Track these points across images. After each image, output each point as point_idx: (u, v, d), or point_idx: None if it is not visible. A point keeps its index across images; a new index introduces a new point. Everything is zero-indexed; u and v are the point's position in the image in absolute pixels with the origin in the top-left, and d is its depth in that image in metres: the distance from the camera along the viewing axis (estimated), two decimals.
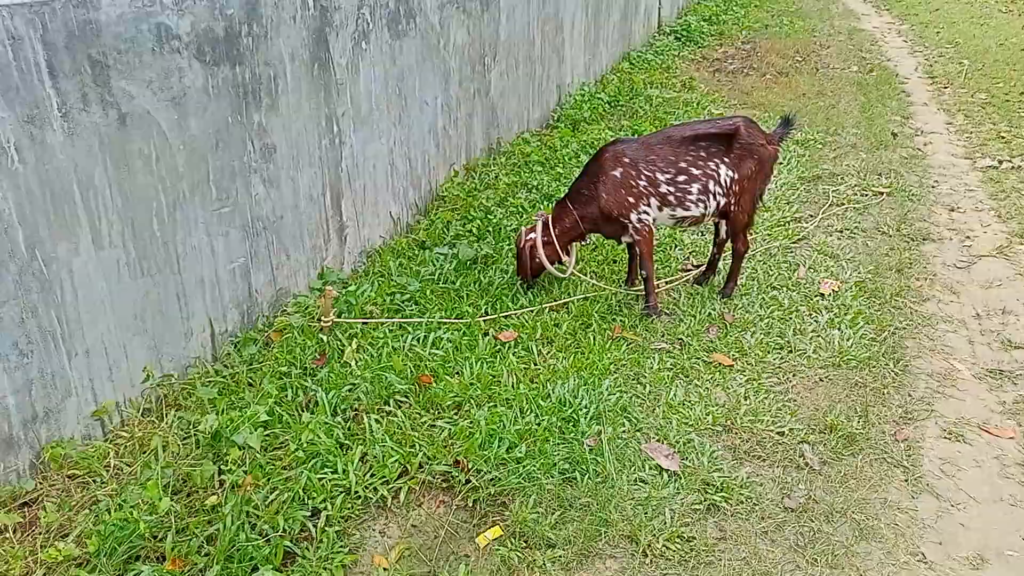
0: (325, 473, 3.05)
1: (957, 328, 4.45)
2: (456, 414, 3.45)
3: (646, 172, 4.27)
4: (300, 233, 4.34)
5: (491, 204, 5.58)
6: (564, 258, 4.55)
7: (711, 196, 4.30)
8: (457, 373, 3.76)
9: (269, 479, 3.00)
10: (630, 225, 4.32)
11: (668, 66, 10.31)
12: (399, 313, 4.31)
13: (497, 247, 5.00)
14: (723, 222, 4.51)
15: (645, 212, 4.30)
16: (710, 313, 4.44)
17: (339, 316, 4.19)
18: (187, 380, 3.60)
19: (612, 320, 4.35)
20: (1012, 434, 3.56)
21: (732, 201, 4.32)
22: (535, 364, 3.89)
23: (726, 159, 4.27)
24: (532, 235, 4.50)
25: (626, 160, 4.30)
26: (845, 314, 4.45)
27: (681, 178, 4.27)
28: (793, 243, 5.41)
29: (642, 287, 4.54)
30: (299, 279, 4.40)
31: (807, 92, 9.48)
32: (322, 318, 4.02)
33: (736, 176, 4.27)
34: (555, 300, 4.51)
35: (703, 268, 4.87)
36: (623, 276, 4.82)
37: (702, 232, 5.58)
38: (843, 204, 6.14)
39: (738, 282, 4.67)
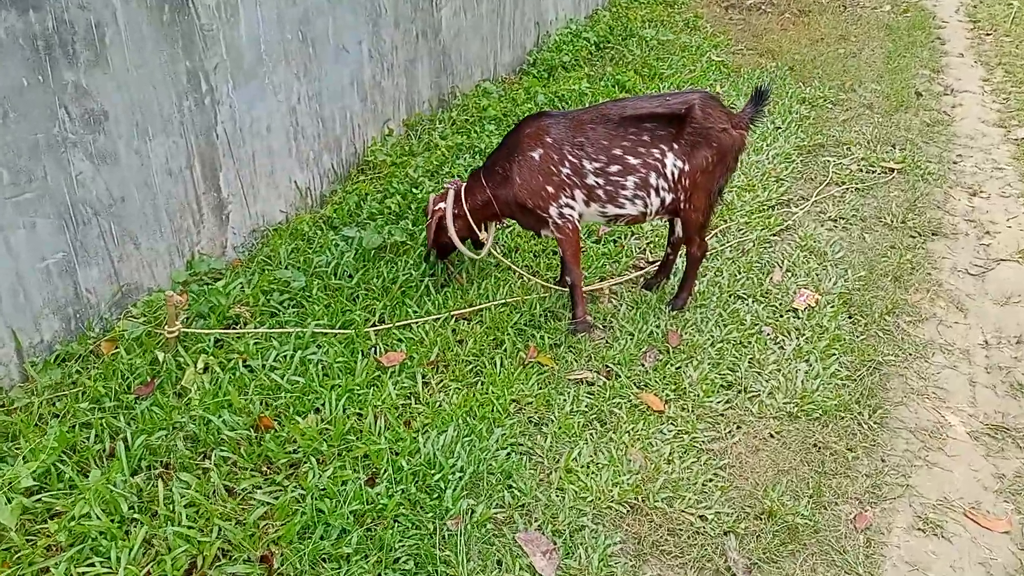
0: (93, 565, 2.35)
1: (958, 362, 3.62)
2: (289, 476, 2.72)
3: (571, 158, 3.41)
4: (155, 216, 3.56)
5: (420, 174, 4.73)
6: (480, 235, 3.74)
7: (652, 192, 3.44)
8: (316, 410, 3.02)
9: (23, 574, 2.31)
10: (549, 220, 3.50)
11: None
12: (274, 318, 3.55)
13: (413, 232, 4.18)
14: (677, 219, 3.66)
15: (568, 206, 3.46)
16: (652, 331, 3.63)
17: (190, 323, 3.44)
18: None
19: (531, 337, 3.56)
20: (1007, 526, 2.78)
21: (682, 198, 3.45)
22: (417, 400, 3.13)
23: (675, 146, 3.38)
24: (442, 204, 3.69)
25: (548, 140, 3.44)
26: (819, 339, 3.62)
27: (613, 168, 3.40)
28: (774, 235, 4.54)
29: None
30: (157, 271, 3.64)
31: (827, 36, 8.37)
32: (166, 328, 3.27)
33: (687, 168, 3.39)
34: (468, 305, 3.72)
35: (656, 268, 4.04)
36: (558, 270, 4.00)
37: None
38: (844, 183, 5.21)
39: (693, 291, 3.84)
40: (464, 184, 3.71)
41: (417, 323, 3.58)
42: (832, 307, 3.85)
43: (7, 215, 2.94)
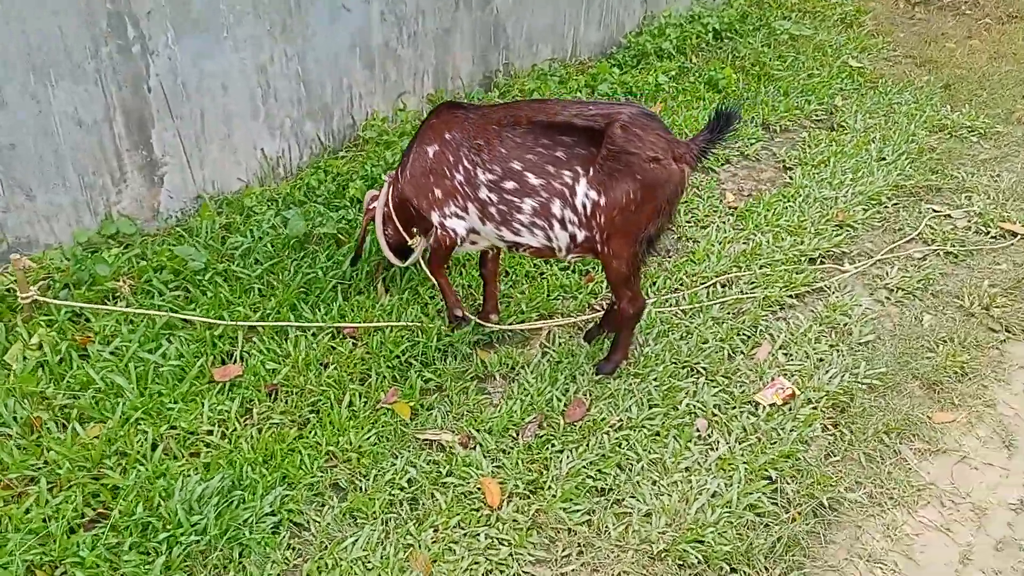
0: None
1: (959, 525, 2.62)
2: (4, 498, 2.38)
3: (466, 163, 2.76)
4: (58, 168, 3.33)
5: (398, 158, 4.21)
6: (410, 240, 3.20)
7: (556, 223, 2.72)
8: (107, 420, 2.66)
9: None
10: (434, 226, 2.90)
11: None
12: (150, 299, 3.23)
13: (353, 223, 3.70)
14: None
15: (455, 217, 2.83)
16: (554, 396, 2.93)
17: (58, 290, 3.19)
18: None
19: (405, 374, 3.00)
20: None
21: (598, 239, 2.71)
22: (223, 431, 2.69)
23: (590, 172, 2.63)
24: (374, 204, 3.20)
25: (447, 137, 2.81)
26: (762, 451, 2.76)
27: (509, 185, 2.71)
28: (793, 296, 3.60)
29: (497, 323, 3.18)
30: (58, 227, 3.43)
31: (1020, 52, 6.78)
32: (20, 293, 3.04)
33: (602, 202, 2.63)
34: (364, 321, 3.20)
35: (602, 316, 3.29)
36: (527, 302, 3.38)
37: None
38: (932, 241, 4.08)
39: (629, 355, 3.08)
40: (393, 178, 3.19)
41: (293, 328, 3.12)
42: (809, 408, 2.94)
43: None
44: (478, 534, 2.41)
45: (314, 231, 3.61)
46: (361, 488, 2.54)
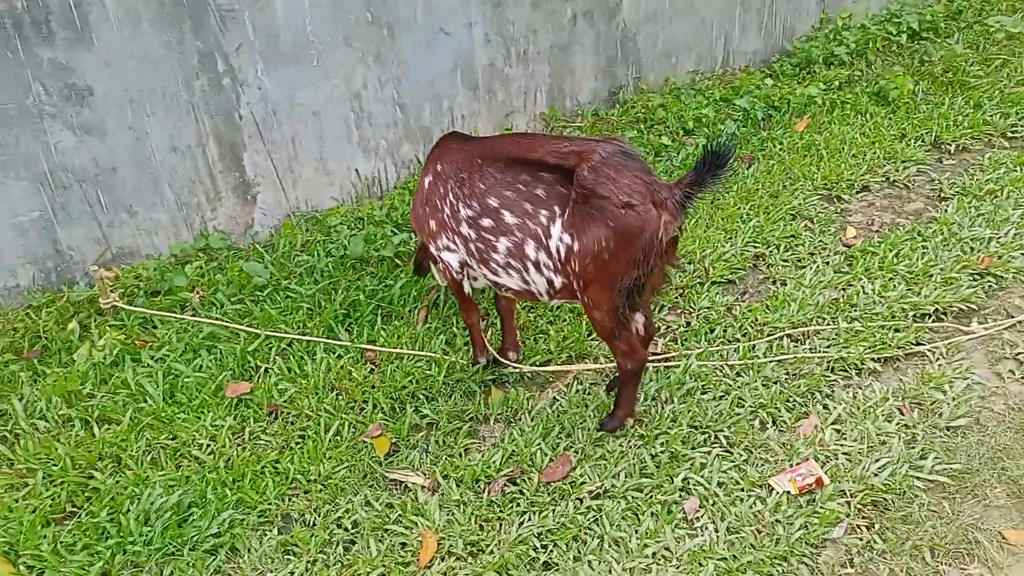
0: None
1: None
2: None
3: (451, 196, 2.64)
4: (156, 189, 3.73)
5: None
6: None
7: (531, 266, 2.50)
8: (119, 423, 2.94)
9: None
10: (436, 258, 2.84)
11: None
12: (213, 311, 3.51)
13: (405, 248, 3.74)
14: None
15: (448, 250, 2.72)
16: (542, 451, 2.73)
17: (139, 298, 3.58)
18: None
19: (402, 409, 2.96)
20: None
21: (575, 286, 2.46)
22: (209, 445, 2.84)
23: (565, 214, 2.39)
24: None
25: (438, 169, 2.72)
26: (753, 548, 2.33)
27: (486, 222, 2.55)
28: (878, 359, 3.01)
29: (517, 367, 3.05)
30: (158, 239, 3.84)
31: None
32: (100, 299, 3.47)
33: (575, 248, 2.38)
34: (386, 344, 3.22)
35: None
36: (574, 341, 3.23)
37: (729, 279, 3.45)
38: None
39: (635, 412, 2.77)
40: None
41: (321, 350, 3.21)
42: (835, 503, 2.44)
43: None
44: None
45: (372, 253, 3.68)
46: (308, 522, 2.55)
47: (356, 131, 4.16)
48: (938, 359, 3.00)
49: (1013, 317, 3.18)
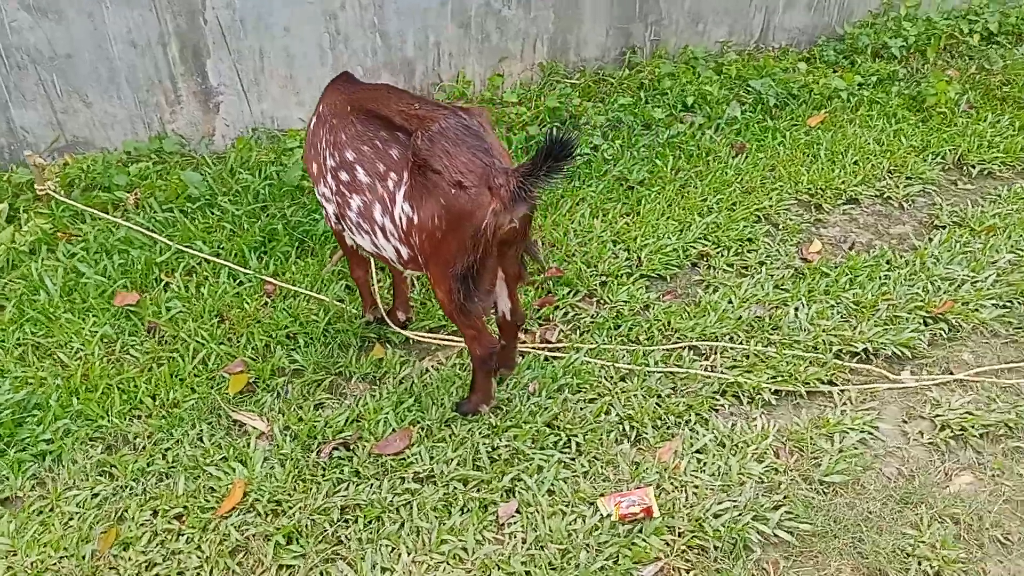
0: None
1: None
2: None
3: (324, 142, 2.50)
4: (112, 81, 3.70)
5: None
6: None
7: (379, 231, 2.36)
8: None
9: None
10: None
11: None
12: (144, 216, 3.51)
13: None
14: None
15: (325, 198, 2.58)
16: (387, 419, 2.64)
17: (78, 190, 3.60)
18: None
19: (282, 345, 2.90)
20: None
21: (420, 260, 2.31)
22: (54, 360, 2.86)
23: (407, 181, 2.23)
24: None
25: (322, 109, 2.57)
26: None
27: (344, 176, 2.40)
28: (779, 392, 2.77)
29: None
30: (114, 134, 3.84)
31: None
32: (37, 185, 3.50)
33: (415, 220, 2.22)
34: (307, 285, 3.16)
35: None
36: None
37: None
38: None
39: (491, 394, 2.65)
40: None
41: (226, 273, 3.18)
42: (658, 539, 2.28)
43: None
44: (182, 534, 2.29)
45: (309, 183, 3.59)
46: (136, 447, 2.55)
47: (330, 53, 4.02)
48: (844, 404, 2.74)
49: (952, 374, 2.87)
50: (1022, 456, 2.57)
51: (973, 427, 2.63)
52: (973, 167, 4.00)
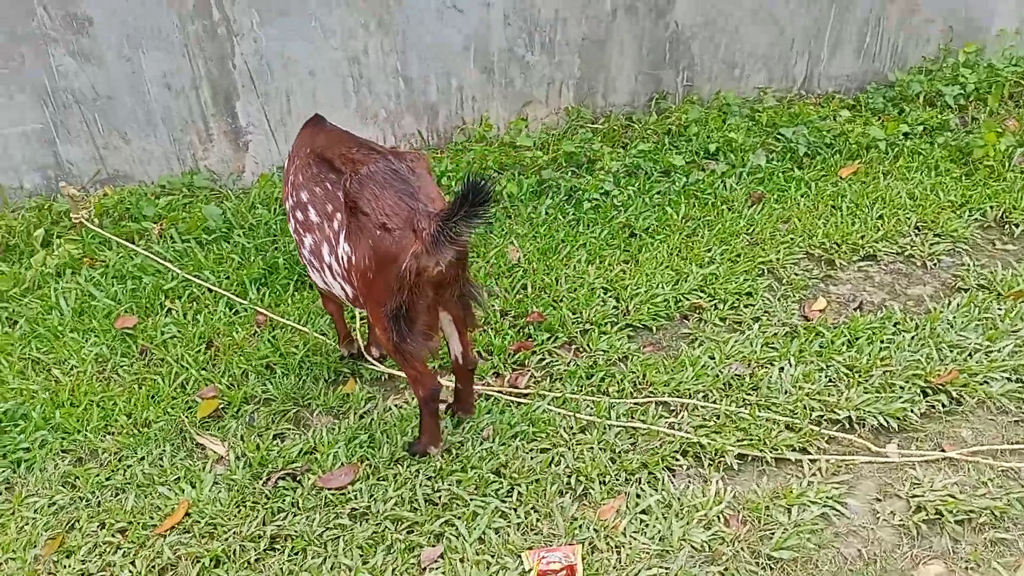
0: None
1: None
2: None
3: (289, 182, 2.60)
4: (149, 122, 3.98)
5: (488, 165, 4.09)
6: None
7: (327, 269, 2.42)
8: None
9: None
10: None
11: None
12: (165, 246, 3.73)
13: None
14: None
15: (296, 232, 2.65)
16: (338, 452, 2.68)
17: (108, 220, 3.87)
18: None
19: (257, 374, 3.00)
20: None
21: (360, 299, 2.36)
22: (48, 375, 3.05)
23: (345, 223, 2.28)
24: None
25: (292, 149, 2.70)
26: None
27: (299, 216, 2.49)
28: (744, 458, 2.64)
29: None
30: (151, 169, 4.11)
31: None
32: (72, 214, 3.79)
33: (353, 260, 2.27)
34: (298, 319, 3.28)
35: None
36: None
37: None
38: None
39: (439, 436, 2.64)
40: None
41: (226, 302, 3.33)
42: None
43: None
44: (120, 548, 2.38)
45: None
46: (102, 462, 2.68)
47: (354, 96, 4.18)
48: (813, 474, 2.57)
49: (944, 451, 2.65)
50: (1005, 549, 2.33)
51: (952, 511, 2.41)
52: (1016, 226, 3.72)
